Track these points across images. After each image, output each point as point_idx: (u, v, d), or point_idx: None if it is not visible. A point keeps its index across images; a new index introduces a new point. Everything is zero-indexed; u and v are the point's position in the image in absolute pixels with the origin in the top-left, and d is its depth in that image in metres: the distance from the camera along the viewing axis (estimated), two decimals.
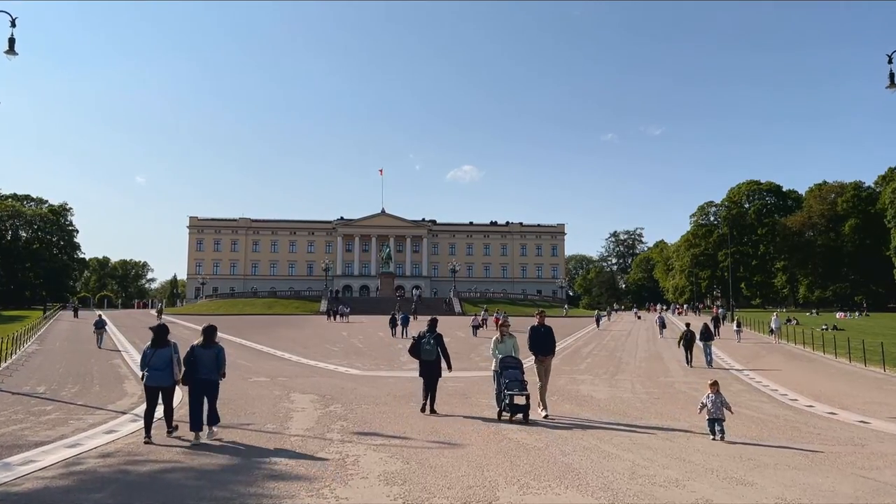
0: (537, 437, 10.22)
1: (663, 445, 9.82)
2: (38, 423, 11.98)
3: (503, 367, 12.18)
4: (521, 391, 11.79)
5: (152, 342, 10.31)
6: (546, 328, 13.41)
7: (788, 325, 47.29)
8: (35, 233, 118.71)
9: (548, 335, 13.37)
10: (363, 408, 13.88)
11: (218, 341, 10.64)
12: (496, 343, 12.78)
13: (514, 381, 11.89)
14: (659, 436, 10.72)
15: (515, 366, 12.24)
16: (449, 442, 9.92)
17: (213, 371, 10.19)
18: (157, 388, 10.16)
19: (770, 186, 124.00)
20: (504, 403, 11.92)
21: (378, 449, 9.35)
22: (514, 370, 12.11)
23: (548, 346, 13.34)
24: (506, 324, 13.24)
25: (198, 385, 10.10)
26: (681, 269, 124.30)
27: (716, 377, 22.51)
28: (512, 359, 12.42)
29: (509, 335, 12.92)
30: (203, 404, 10.11)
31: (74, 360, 26.57)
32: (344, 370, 23.12)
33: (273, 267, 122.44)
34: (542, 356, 13.21)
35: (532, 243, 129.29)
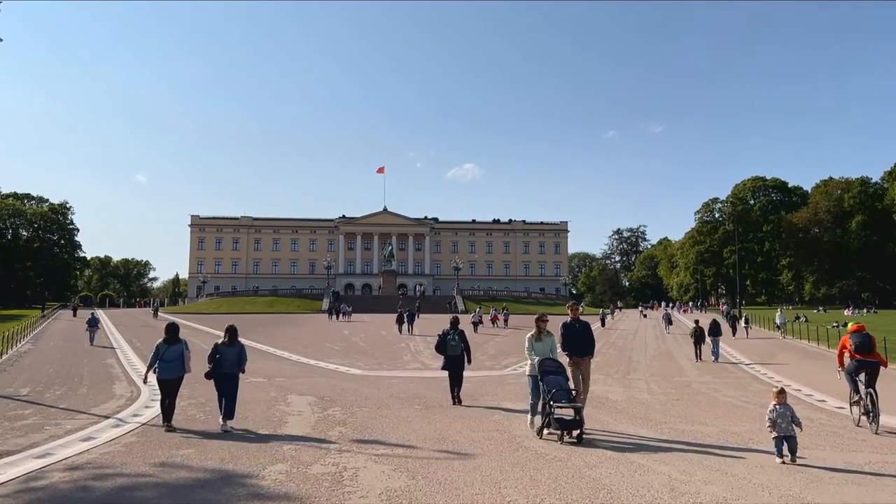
0: (557, 447, 9.21)
1: (698, 455, 8.82)
2: (10, 429, 11.02)
3: (543, 371, 10.12)
4: (569, 402, 9.71)
5: (165, 338, 11.30)
6: (582, 324, 11.35)
7: (798, 323, 46.54)
8: (35, 232, 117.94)
9: (585, 332, 11.27)
10: (364, 411, 12.92)
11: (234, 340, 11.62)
12: (532, 342, 10.84)
13: (560, 391, 9.77)
14: (690, 443, 9.71)
15: (557, 370, 10.21)
16: (459, 452, 8.93)
17: (235, 366, 11.31)
18: (168, 380, 11.08)
19: (775, 183, 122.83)
20: (548, 418, 9.71)
21: (380, 460, 8.39)
22: (555, 376, 10.05)
23: (586, 345, 11.16)
24: (543, 319, 10.98)
25: (222, 379, 11.13)
26: (685, 266, 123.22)
27: (734, 375, 22.32)
28: (552, 361, 10.39)
29: (547, 333, 10.89)
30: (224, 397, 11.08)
31: (66, 359, 25.65)
32: (345, 370, 22.17)
33: (275, 265, 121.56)
34: (579, 358, 10.97)
35: (535, 241, 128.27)
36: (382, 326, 46.52)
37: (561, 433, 9.41)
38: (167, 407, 11.12)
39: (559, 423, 9.44)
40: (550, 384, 9.84)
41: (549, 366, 10.24)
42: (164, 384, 11.14)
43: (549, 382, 9.88)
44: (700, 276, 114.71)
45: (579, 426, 9.45)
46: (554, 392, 9.68)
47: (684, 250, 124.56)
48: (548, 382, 9.89)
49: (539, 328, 10.91)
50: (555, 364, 10.34)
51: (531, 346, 10.84)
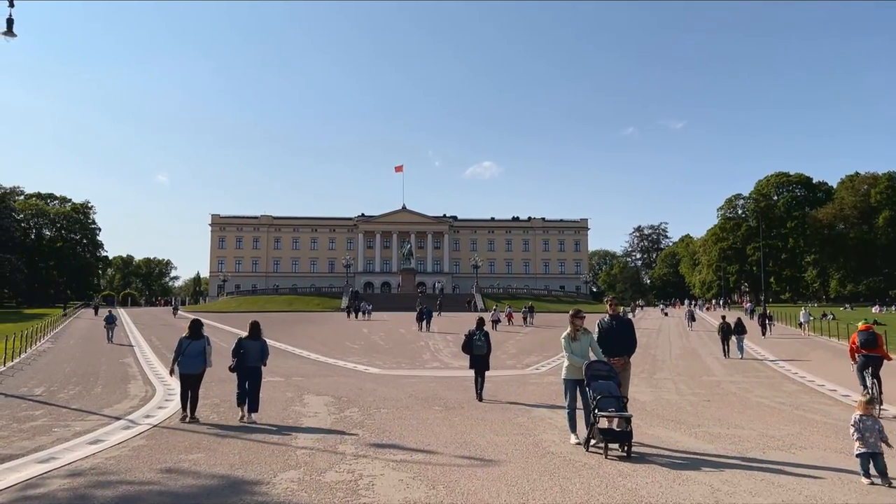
0: (586, 452, 8.66)
1: (740, 462, 8.21)
2: (18, 431, 10.69)
3: (591, 375, 8.90)
4: (619, 411, 8.50)
5: (189, 334, 11.93)
6: (622, 320, 10.16)
7: (825, 321, 45.62)
8: (58, 231, 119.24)
9: (625, 330, 10.04)
10: (382, 413, 12.44)
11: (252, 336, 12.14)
12: (568, 341, 9.50)
13: (609, 398, 8.55)
14: (729, 448, 9.10)
15: (607, 374, 8.95)
16: (481, 458, 8.40)
17: (258, 360, 11.97)
18: (189, 375, 11.63)
19: (800, 178, 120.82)
20: (593, 429, 8.59)
21: (398, 467, 7.89)
22: (605, 381, 8.81)
23: (625, 344, 9.95)
24: (579, 315, 9.60)
25: (245, 372, 11.72)
26: (708, 263, 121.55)
27: (764, 374, 21.61)
28: (603, 365, 9.09)
29: (584, 331, 9.54)
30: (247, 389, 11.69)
31: (84, 358, 25.50)
32: (363, 369, 21.75)
33: (294, 264, 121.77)
34: (618, 357, 9.71)
35: (555, 239, 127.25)
36: (402, 325, 46.13)
37: (605, 446, 8.35)
38: (189, 400, 11.58)
39: (603, 435, 8.37)
40: (599, 390, 8.66)
41: (599, 370, 8.96)
42: (186, 378, 11.69)
43: (597, 388, 8.70)
44: (723, 274, 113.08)
45: (627, 439, 8.33)
46: (600, 399, 8.52)
47: (707, 247, 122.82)
48: (595, 388, 8.71)
49: (574, 326, 9.53)
50: (606, 368, 9.03)
51: (568, 346, 9.49)
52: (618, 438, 8.36)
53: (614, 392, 8.71)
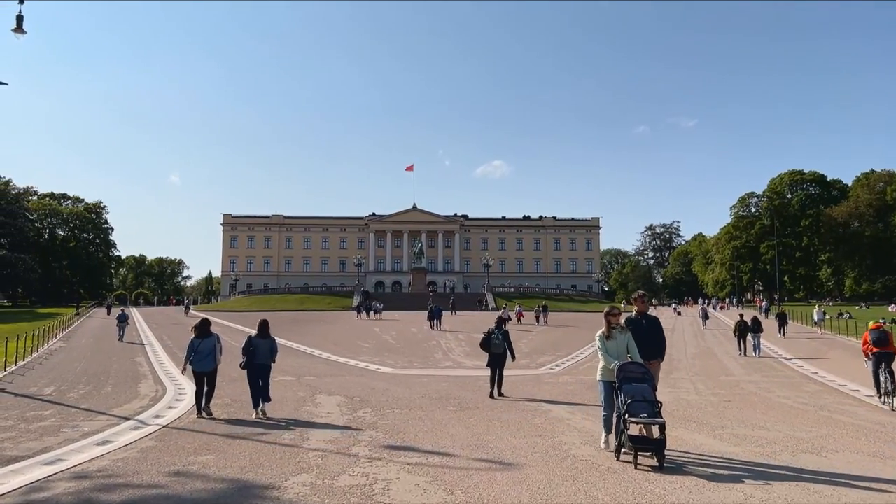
0: (609, 454, 8.35)
1: (769, 466, 7.88)
2: (25, 431, 10.49)
3: (624, 377, 8.16)
4: (652, 417, 7.79)
5: (198, 333, 12.22)
6: (651, 320, 9.41)
7: (841, 320, 45.12)
8: (71, 231, 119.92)
9: (654, 330, 9.27)
10: (396, 413, 12.17)
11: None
12: (603, 340, 8.71)
13: (641, 402, 7.86)
14: (756, 451, 8.77)
15: (643, 377, 8.19)
16: (500, 461, 8.10)
17: (267, 357, 12.31)
18: (203, 372, 11.97)
19: (814, 176, 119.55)
20: (623, 435, 7.90)
21: (414, 470, 7.60)
22: (639, 384, 8.08)
23: (654, 345, 9.14)
24: (613, 313, 8.82)
25: (256, 369, 12.09)
26: (721, 262, 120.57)
27: (783, 374, 21.15)
28: (638, 367, 8.31)
29: (621, 329, 8.74)
30: (258, 385, 12.06)
31: (95, 358, 25.41)
32: (375, 368, 21.49)
33: (306, 263, 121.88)
34: (647, 360, 8.77)
35: (566, 237, 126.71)
36: (413, 324, 45.90)
37: (635, 455, 7.68)
38: (203, 396, 11.99)
39: (634, 443, 7.71)
40: (631, 394, 7.94)
41: (632, 371, 8.20)
42: (199, 376, 12.06)
43: (629, 392, 7.97)
44: (736, 273, 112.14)
45: (660, 448, 7.64)
46: (630, 403, 7.81)
47: (720, 246, 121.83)
48: (627, 391, 7.98)
49: (609, 324, 8.76)
50: (641, 370, 8.26)
51: (603, 345, 8.69)
52: (650, 447, 7.72)
53: (648, 396, 7.99)
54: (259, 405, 11.94)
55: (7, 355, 22.11)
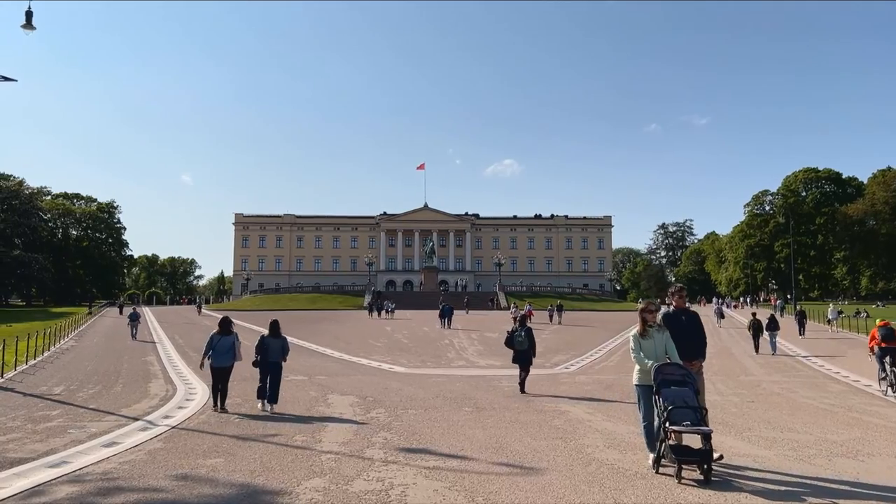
0: (634, 458, 7.98)
1: (808, 471, 7.48)
2: (32, 432, 10.24)
3: (661, 380, 7.35)
4: (696, 425, 7.01)
5: (219, 330, 12.76)
6: (690, 315, 8.51)
7: (858, 318, 44.54)
8: (84, 230, 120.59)
9: (694, 327, 8.36)
10: (410, 413, 11.85)
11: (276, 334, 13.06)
12: (637, 341, 7.83)
13: (682, 409, 7.08)
14: (790, 455, 8.37)
15: (683, 380, 7.38)
16: (521, 465, 7.75)
17: (279, 355, 12.73)
18: (221, 368, 12.43)
19: (829, 174, 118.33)
20: (664, 446, 7.15)
21: (431, 475, 7.26)
22: (679, 387, 7.29)
23: (694, 342, 8.23)
24: (649, 309, 7.98)
25: (267, 367, 12.46)
26: (734, 260, 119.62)
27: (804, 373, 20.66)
28: (677, 368, 7.50)
29: (657, 327, 7.89)
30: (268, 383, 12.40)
31: (106, 357, 25.24)
32: (388, 368, 21.19)
33: (317, 262, 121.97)
34: (687, 361, 7.95)
35: (578, 236, 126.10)
36: (425, 323, 45.61)
37: (679, 468, 6.89)
38: (220, 392, 12.40)
39: (676, 453, 6.96)
40: (671, 399, 7.15)
41: (670, 373, 7.37)
42: (217, 371, 12.47)
43: (668, 396, 7.18)
44: (750, 271, 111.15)
45: (706, 459, 6.87)
46: (671, 410, 7.01)
47: (733, 244, 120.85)
48: (666, 396, 7.18)
49: (645, 322, 7.88)
50: (680, 371, 7.44)
51: (638, 346, 7.81)
52: (694, 458, 6.94)
53: (690, 401, 7.17)
54: (265, 398, 12.37)
55: (17, 354, 21.96)
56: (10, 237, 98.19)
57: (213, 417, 11.62)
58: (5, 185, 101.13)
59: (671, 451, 7.02)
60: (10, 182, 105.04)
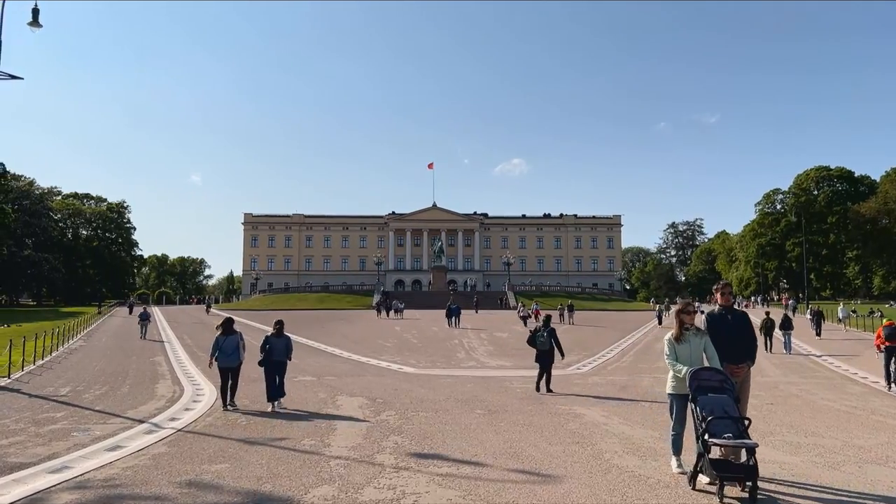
0: (655, 465, 7.66)
1: (838, 480, 7.15)
2: (35, 435, 10.02)
3: (698, 386, 6.69)
4: (739, 437, 6.32)
5: (223, 331, 12.99)
6: (738, 315, 7.80)
7: (873, 318, 44.02)
8: (94, 230, 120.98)
9: (742, 327, 7.66)
10: (421, 416, 11.57)
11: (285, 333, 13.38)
12: (672, 345, 7.22)
13: (724, 419, 6.42)
14: (818, 461, 8.04)
15: (721, 386, 6.72)
16: (537, 472, 7.44)
17: (283, 355, 13.02)
18: (228, 368, 12.66)
19: (841, 172, 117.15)
20: (704, 461, 6.44)
21: (445, 482, 6.97)
22: (717, 395, 6.62)
23: (745, 345, 7.57)
24: (688, 310, 7.30)
25: (272, 366, 12.71)
26: (745, 259, 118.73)
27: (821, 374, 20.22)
28: (714, 374, 6.83)
29: (695, 330, 7.23)
30: (275, 381, 12.64)
31: (114, 357, 25.09)
32: (397, 368, 20.92)
33: (326, 262, 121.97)
34: (733, 365, 7.38)
35: (587, 235, 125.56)
36: (434, 322, 45.34)
37: (720, 486, 6.19)
38: (228, 390, 12.68)
39: (717, 469, 6.21)
40: (708, 407, 6.46)
41: (707, 379, 6.69)
42: (225, 371, 12.72)
43: (705, 405, 6.49)
44: (761, 270, 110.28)
45: (751, 475, 6.13)
46: (711, 421, 6.32)
47: (744, 243, 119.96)
48: (704, 405, 6.50)
49: (682, 324, 7.19)
50: (718, 377, 6.76)
51: (672, 351, 7.18)
52: (738, 475, 6.21)
53: (731, 411, 6.46)
54: (275, 400, 12.55)
55: (25, 354, 21.83)
56: (20, 237, 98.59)
57: (220, 420, 11.38)
58: (16, 186, 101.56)
59: (711, 466, 6.25)
60: (20, 182, 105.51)
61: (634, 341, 32.98)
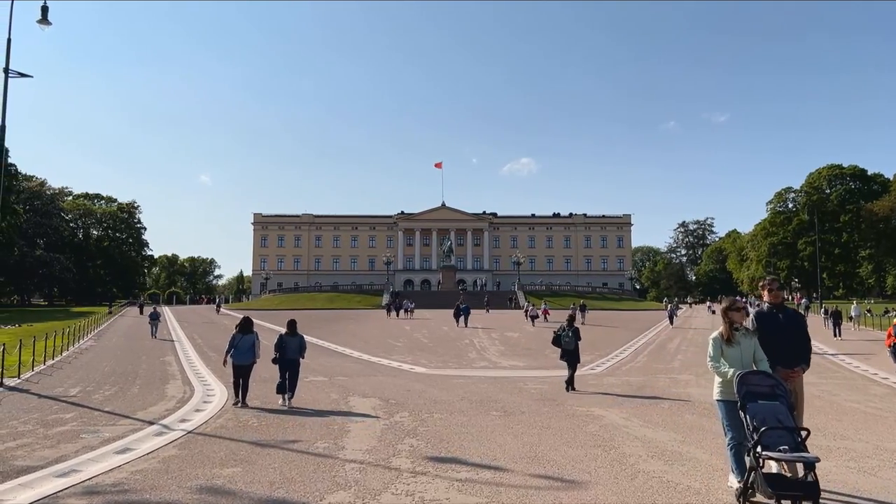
0: (682, 469, 7.36)
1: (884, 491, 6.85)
2: (43, 437, 9.82)
3: (747, 394, 5.94)
4: (796, 451, 5.53)
5: (240, 330, 13.53)
6: (790, 313, 7.10)
7: (889, 317, 43.51)
8: (105, 231, 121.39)
9: (794, 327, 6.97)
10: (436, 418, 11.31)
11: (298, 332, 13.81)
12: (718, 346, 6.54)
13: (779, 430, 5.67)
14: (852, 466, 7.70)
15: (773, 392, 5.97)
16: (561, 477, 7.15)
17: (296, 353, 13.44)
18: (241, 365, 13.10)
19: (854, 170, 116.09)
20: (757, 476, 5.61)
21: (465, 488, 6.69)
22: (769, 402, 5.89)
23: (799, 347, 6.88)
24: (736, 307, 6.62)
25: (286, 363, 13.17)
26: (757, 258, 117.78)
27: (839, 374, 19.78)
28: (765, 378, 6.09)
29: (744, 331, 6.56)
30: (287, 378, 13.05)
31: (125, 357, 24.99)
32: (408, 368, 20.69)
33: (335, 262, 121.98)
34: (786, 369, 6.69)
35: (597, 235, 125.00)
36: (444, 322, 45.10)
37: (777, 501, 5.47)
38: (241, 388, 12.99)
39: (773, 486, 5.44)
40: (759, 416, 5.75)
41: (756, 384, 5.98)
42: (238, 368, 13.14)
43: (756, 413, 5.79)
44: (773, 269, 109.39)
45: (812, 494, 5.41)
46: (764, 431, 5.57)
47: (756, 242, 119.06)
48: (754, 413, 5.79)
49: (731, 324, 6.52)
50: (768, 382, 6.03)
51: (718, 352, 6.51)
52: (796, 493, 5.45)
53: (785, 420, 5.75)
54: (285, 394, 12.95)
55: (35, 354, 21.74)
56: (32, 237, 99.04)
57: (232, 421, 11.17)
58: (27, 186, 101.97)
59: (766, 482, 5.47)
60: (32, 183, 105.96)
61: (647, 341, 32.63)
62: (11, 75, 18.56)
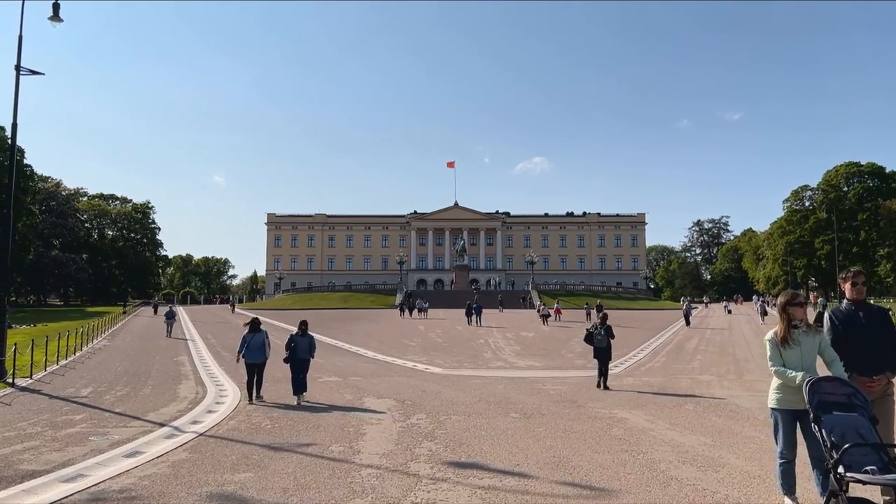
0: (717, 477, 6.95)
1: None
2: (51, 439, 9.57)
3: (820, 403, 4.99)
4: (884, 470, 4.41)
5: (250, 329, 14.10)
6: (872, 310, 5.90)
7: None
8: (120, 231, 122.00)
9: (880, 326, 5.78)
10: (453, 420, 10.96)
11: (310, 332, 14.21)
12: (775, 348, 5.66)
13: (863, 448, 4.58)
14: None
15: (850, 401, 5.00)
16: (588, 485, 6.78)
17: (307, 352, 13.79)
18: (254, 364, 13.64)
19: (872, 168, 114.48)
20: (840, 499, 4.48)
21: (488, 497, 6.32)
22: (845, 412, 4.93)
23: (880, 350, 5.66)
24: (795, 302, 5.74)
25: (297, 363, 13.50)
26: (773, 257, 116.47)
27: None
28: (837, 383, 5.16)
29: (805, 328, 5.67)
30: (299, 377, 13.38)
31: (138, 357, 24.83)
32: (423, 368, 20.35)
33: (349, 261, 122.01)
34: (865, 376, 5.60)
35: (611, 234, 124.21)
36: (458, 322, 44.78)
37: None
38: (255, 383, 13.62)
39: None
40: (837, 430, 4.75)
41: (830, 392, 5.03)
42: (251, 367, 13.69)
43: (833, 427, 4.78)
44: (790, 268, 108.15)
45: None
46: (847, 449, 4.49)
47: (772, 241, 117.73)
48: (831, 426, 4.79)
49: (790, 320, 5.66)
50: (845, 390, 5.05)
51: (776, 354, 5.63)
52: None
53: (867, 435, 4.73)
54: (299, 393, 13.23)
55: (48, 354, 21.61)
56: (48, 238, 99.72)
57: (244, 423, 10.88)
58: (44, 187, 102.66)
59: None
60: (48, 184, 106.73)
61: (664, 341, 32.11)
62: (23, 73, 18.44)
